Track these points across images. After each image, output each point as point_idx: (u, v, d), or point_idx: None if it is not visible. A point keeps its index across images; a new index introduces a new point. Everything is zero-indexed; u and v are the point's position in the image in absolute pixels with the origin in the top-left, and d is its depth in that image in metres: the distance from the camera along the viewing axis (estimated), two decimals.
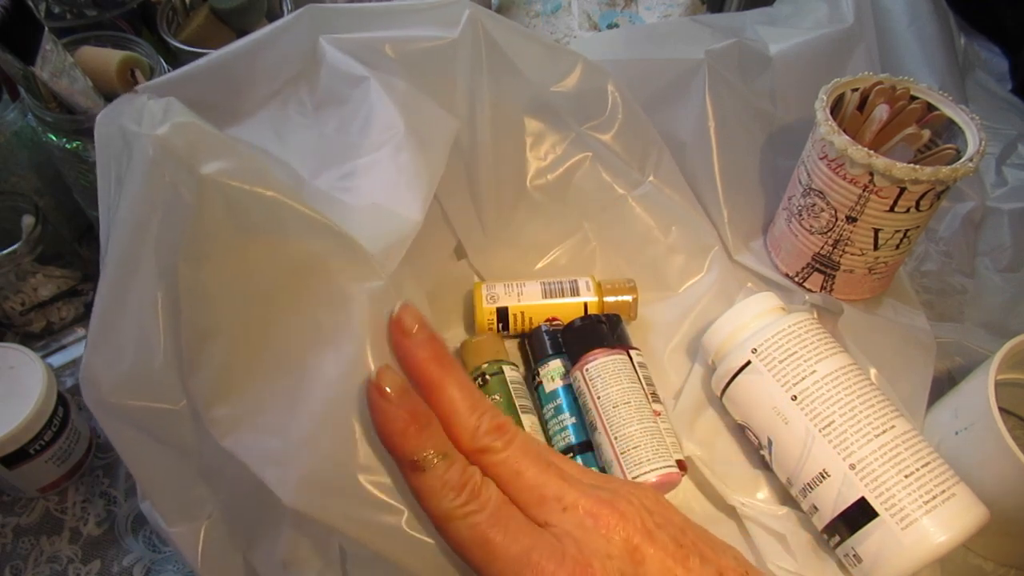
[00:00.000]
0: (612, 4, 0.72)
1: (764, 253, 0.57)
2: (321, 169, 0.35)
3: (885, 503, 0.39)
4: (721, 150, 0.55)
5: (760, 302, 0.47)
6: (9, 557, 0.43)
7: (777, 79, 0.58)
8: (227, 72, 0.36)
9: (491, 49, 0.44)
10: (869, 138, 0.49)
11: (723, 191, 0.55)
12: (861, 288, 0.52)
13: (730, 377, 0.45)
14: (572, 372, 0.46)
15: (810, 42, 0.59)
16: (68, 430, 0.43)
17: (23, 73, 0.39)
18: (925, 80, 0.55)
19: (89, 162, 0.44)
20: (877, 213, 0.47)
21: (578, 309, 0.50)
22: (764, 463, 0.45)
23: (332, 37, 0.40)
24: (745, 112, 0.57)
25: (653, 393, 0.46)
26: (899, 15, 0.65)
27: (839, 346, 0.44)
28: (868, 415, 0.41)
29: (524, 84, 0.47)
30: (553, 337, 0.48)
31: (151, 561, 0.42)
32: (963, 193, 0.60)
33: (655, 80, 0.55)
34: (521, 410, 0.45)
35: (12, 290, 0.48)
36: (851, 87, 0.50)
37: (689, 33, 0.60)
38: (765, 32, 0.61)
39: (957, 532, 0.38)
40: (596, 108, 0.51)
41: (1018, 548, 0.45)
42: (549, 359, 0.48)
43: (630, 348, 0.47)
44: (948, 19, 0.69)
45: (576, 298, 0.50)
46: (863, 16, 0.61)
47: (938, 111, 0.49)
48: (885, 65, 0.62)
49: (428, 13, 0.42)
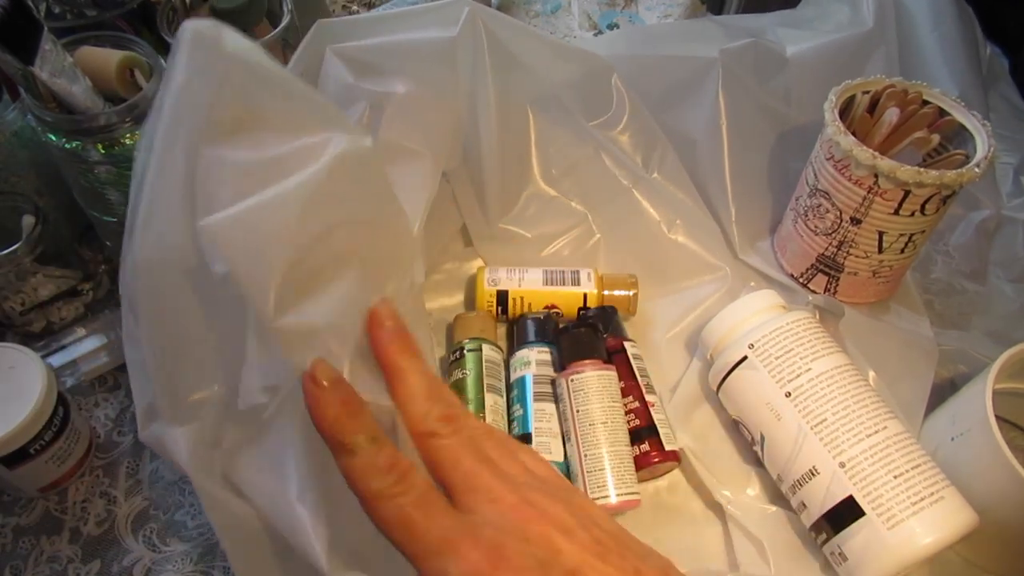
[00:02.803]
0: (612, 4, 0.72)
1: (770, 253, 0.57)
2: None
3: (872, 502, 0.39)
4: (732, 149, 0.55)
5: (760, 299, 0.47)
6: (9, 557, 0.42)
7: (793, 80, 0.58)
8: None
9: (493, 45, 0.45)
10: (878, 141, 0.49)
11: (732, 190, 0.55)
12: (865, 292, 0.52)
13: (726, 371, 0.45)
14: (559, 377, 0.46)
15: (828, 44, 0.59)
16: (68, 430, 0.43)
17: (22, 73, 0.39)
18: (946, 87, 0.55)
19: (89, 162, 0.44)
20: (881, 216, 0.47)
21: (577, 299, 0.50)
22: (756, 459, 0.45)
23: (338, 47, 0.42)
24: (758, 112, 0.57)
25: (647, 384, 0.47)
26: (923, 20, 0.65)
27: (837, 346, 0.44)
28: (861, 415, 0.41)
29: (529, 79, 0.48)
30: (536, 327, 0.49)
31: (151, 561, 0.42)
32: (979, 201, 0.60)
33: (669, 77, 0.55)
34: (487, 389, 0.46)
35: (12, 290, 0.48)
36: (862, 89, 0.50)
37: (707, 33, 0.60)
38: (784, 34, 0.60)
39: (944, 534, 0.38)
40: (602, 103, 0.52)
41: (1013, 557, 0.44)
42: (522, 347, 0.48)
43: (625, 340, 0.47)
44: (974, 27, 0.68)
45: (577, 287, 0.50)
46: (884, 20, 0.61)
47: (949, 116, 0.49)
48: (905, 70, 0.62)
49: (429, 15, 0.44)
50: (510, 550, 0.24)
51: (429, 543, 0.25)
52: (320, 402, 0.26)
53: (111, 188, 0.45)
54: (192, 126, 0.26)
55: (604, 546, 0.26)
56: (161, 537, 0.43)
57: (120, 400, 0.49)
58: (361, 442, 0.25)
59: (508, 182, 0.53)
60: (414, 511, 0.25)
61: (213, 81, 0.26)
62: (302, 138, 0.28)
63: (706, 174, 0.56)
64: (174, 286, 0.29)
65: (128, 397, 0.49)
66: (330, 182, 0.27)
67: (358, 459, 0.25)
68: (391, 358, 0.28)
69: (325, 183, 0.27)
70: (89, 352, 0.49)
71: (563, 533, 0.25)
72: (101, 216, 0.48)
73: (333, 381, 0.26)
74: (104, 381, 0.50)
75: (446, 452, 0.27)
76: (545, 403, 0.46)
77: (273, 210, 0.26)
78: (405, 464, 0.26)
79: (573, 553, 0.25)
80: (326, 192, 0.27)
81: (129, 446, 0.47)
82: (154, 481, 0.45)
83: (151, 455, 0.46)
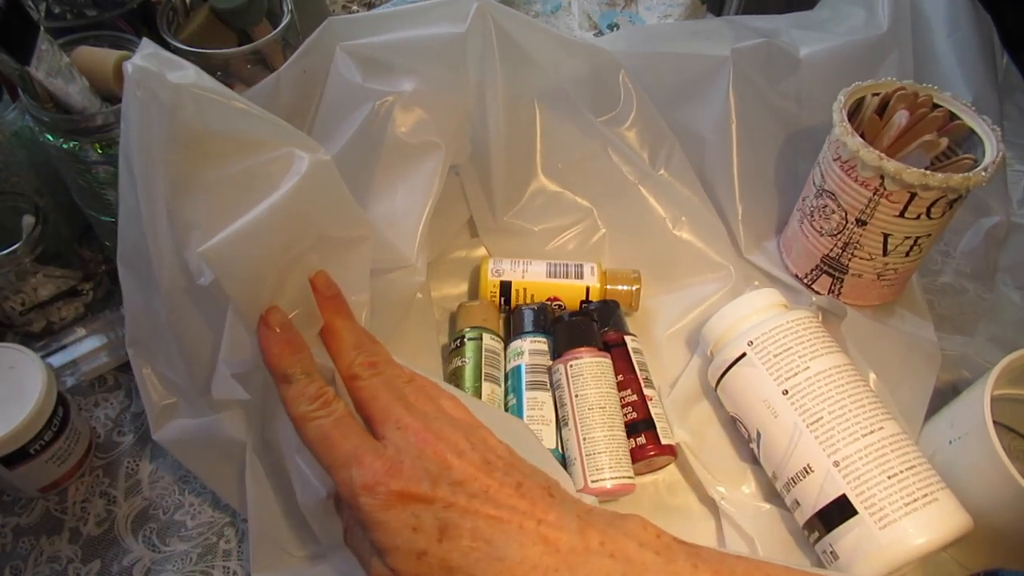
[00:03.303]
0: (612, 4, 0.72)
1: (776, 253, 0.57)
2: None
3: (865, 502, 0.39)
4: (741, 148, 0.55)
5: (762, 297, 0.47)
6: (9, 557, 0.42)
7: (804, 81, 0.58)
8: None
9: (502, 39, 0.45)
10: (887, 143, 0.49)
11: (739, 189, 0.55)
12: (869, 294, 0.52)
13: (725, 368, 0.46)
14: (555, 364, 0.47)
15: (841, 46, 0.59)
16: (68, 430, 0.43)
17: (19, 73, 0.39)
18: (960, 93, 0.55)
19: (86, 162, 0.44)
20: (887, 218, 0.47)
21: (580, 292, 0.51)
22: (753, 457, 0.46)
23: (348, 44, 0.43)
24: (768, 112, 0.57)
25: (646, 379, 0.47)
26: (939, 25, 0.64)
27: (836, 346, 0.44)
28: (857, 415, 0.41)
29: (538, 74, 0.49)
30: (532, 317, 0.49)
31: (151, 561, 0.42)
32: (989, 207, 0.59)
33: (678, 74, 0.55)
34: (485, 377, 0.46)
35: (12, 290, 0.48)
36: (872, 91, 0.50)
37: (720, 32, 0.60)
38: (798, 35, 0.60)
39: (936, 536, 0.38)
40: (610, 99, 0.52)
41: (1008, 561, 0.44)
42: (517, 338, 0.49)
43: (626, 334, 0.47)
44: (991, 35, 0.67)
45: (580, 281, 0.51)
46: (899, 24, 0.60)
47: (959, 120, 0.49)
48: (919, 74, 0.62)
49: (438, 11, 0.44)
50: (406, 464, 0.29)
51: (341, 455, 0.30)
52: (269, 341, 0.31)
53: (109, 188, 0.45)
54: (158, 156, 0.29)
55: (492, 464, 0.30)
56: (161, 537, 0.43)
57: (120, 400, 0.49)
58: (297, 374, 0.31)
59: (515, 176, 0.53)
60: (332, 430, 0.30)
61: (164, 110, 0.29)
62: (264, 153, 0.31)
63: (714, 172, 0.56)
64: (189, 303, 0.34)
65: (128, 397, 0.49)
66: (300, 199, 0.31)
67: (293, 387, 0.31)
68: (327, 317, 0.33)
69: (296, 201, 0.31)
70: (89, 352, 0.49)
71: (456, 454, 0.30)
72: (100, 216, 0.48)
73: (282, 325, 0.31)
74: (104, 381, 0.50)
75: (367, 391, 0.32)
76: (538, 391, 0.46)
77: (256, 231, 0.30)
78: (330, 394, 0.31)
79: (461, 468, 0.29)
80: (298, 209, 0.31)
81: (129, 446, 0.47)
82: (154, 481, 0.45)
83: (151, 455, 0.46)
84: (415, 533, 0.28)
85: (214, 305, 0.33)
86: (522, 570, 0.27)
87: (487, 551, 0.28)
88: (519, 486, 0.30)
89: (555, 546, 0.28)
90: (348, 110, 0.45)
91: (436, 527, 0.28)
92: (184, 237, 0.31)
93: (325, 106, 0.46)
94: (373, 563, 0.30)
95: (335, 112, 0.46)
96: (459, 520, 0.28)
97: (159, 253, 0.32)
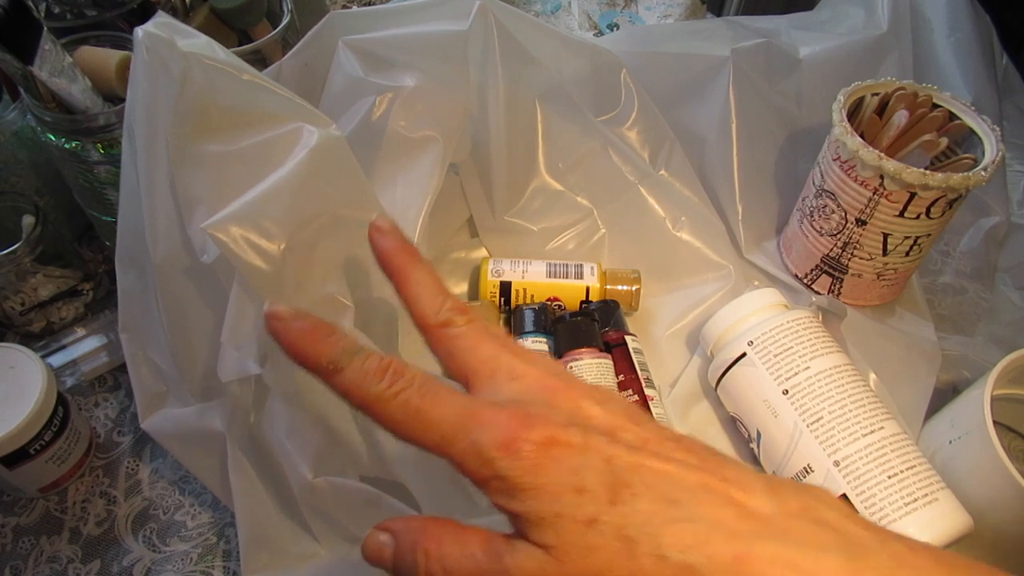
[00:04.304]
0: (612, 4, 0.72)
1: (776, 253, 0.57)
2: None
3: (865, 501, 0.39)
4: (741, 148, 0.55)
5: (762, 297, 0.47)
6: (9, 557, 0.42)
7: (804, 82, 0.58)
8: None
9: (504, 38, 0.45)
10: (886, 143, 0.49)
11: (740, 189, 0.55)
12: (869, 294, 0.52)
13: (725, 368, 0.46)
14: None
15: (841, 47, 0.59)
16: (68, 430, 0.43)
17: (21, 73, 0.39)
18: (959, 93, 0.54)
19: (88, 162, 0.44)
20: (887, 217, 0.47)
21: (580, 292, 0.51)
22: (753, 457, 0.45)
23: (350, 39, 0.43)
24: (768, 112, 0.57)
25: (647, 379, 0.47)
26: (939, 26, 0.64)
27: (836, 346, 0.44)
28: (858, 414, 0.41)
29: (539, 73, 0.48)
30: (532, 317, 0.49)
31: (151, 561, 0.42)
32: (989, 208, 0.59)
33: (679, 74, 0.55)
34: None
35: (12, 290, 0.48)
36: (872, 91, 0.50)
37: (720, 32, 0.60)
38: (798, 35, 0.60)
39: (936, 536, 0.38)
40: (610, 99, 0.52)
41: (1009, 562, 0.44)
42: (518, 338, 0.49)
43: (626, 334, 0.47)
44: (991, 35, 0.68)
45: (580, 281, 0.51)
46: (899, 24, 0.61)
47: (959, 120, 0.49)
48: (919, 75, 0.62)
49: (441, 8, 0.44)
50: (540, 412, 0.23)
51: (449, 424, 0.23)
52: (289, 333, 0.25)
53: (111, 188, 0.45)
54: (163, 127, 0.28)
55: (638, 416, 0.24)
56: (161, 537, 0.43)
57: (120, 400, 0.49)
58: (343, 358, 0.24)
59: (515, 175, 0.53)
60: (422, 401, 0.24)
61: (173, 80, 0.27)
62: (273, 128, 0.30)
63: (714, 172, 0.56)
64: (183, 283, 0.32)
65: (128, 397, 0.48)
66: (309, 174, 0.29)
67: (348, 373, 0.24)
68: (395, 258, 0.27)
69: (305, 176, 0.29)
70: (89, 352, 0.49)
71: (594, 402, 0.24)
72: (101, 216, 0.48)
73: (292, 313, 0.25)
74: (104, 381, 0.50)
75: (462, 340, 0.26)
76: None
77: (264, 206, 0.28)
78: (397, 363, 0.25)
79: (605, 417, 0.23)
80: (308, 185, 0.29)
81: (129, 446, 0.47)
82: (154, 481, 0.45)
83: (151, 455, 0.46)
84: (580, 496, 0.22)
85: (213, 285, 0.31)
86: (719, 536, 0.21)
87: (674, 513, 0.22)
88: (679, 440, 0.24)
89: (748, 508, 0.22)
90: (349, 103, 0.45)
91: (604, 485, 0.22)
92: (188, 213, 0.29)
93: (326, 99, 0.46)
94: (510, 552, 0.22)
95: (336, 105, 0.45)
96: (629, 476, 0.22)
97: (154, 228, 0.31)
